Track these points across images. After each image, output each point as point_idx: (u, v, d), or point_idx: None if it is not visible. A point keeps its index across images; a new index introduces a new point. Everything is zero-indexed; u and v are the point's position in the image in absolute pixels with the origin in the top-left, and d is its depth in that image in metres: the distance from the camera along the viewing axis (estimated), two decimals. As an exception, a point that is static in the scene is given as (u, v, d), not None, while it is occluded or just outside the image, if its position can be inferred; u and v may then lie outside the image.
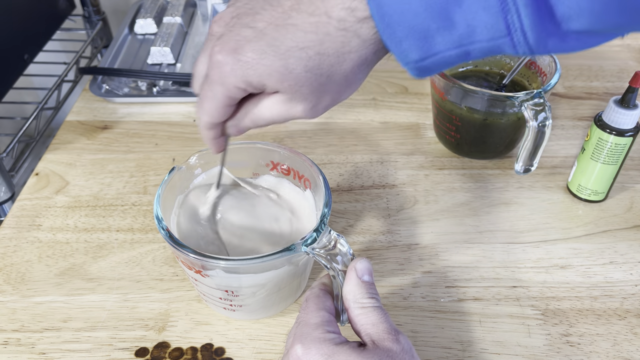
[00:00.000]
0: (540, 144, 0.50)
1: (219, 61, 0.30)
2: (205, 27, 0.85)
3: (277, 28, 0.29)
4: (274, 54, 0.29)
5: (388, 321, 0.33)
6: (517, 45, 0.26)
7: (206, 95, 0.33)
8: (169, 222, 0.44)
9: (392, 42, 0.28)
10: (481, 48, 0.27)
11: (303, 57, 0.29)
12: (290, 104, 0.32)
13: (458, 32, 0.27)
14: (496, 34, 0.26)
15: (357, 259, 0.35)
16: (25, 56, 0.70)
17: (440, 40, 0.27)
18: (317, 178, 0.42)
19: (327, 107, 0.33)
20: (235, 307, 0.42)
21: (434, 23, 0.27)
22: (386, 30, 0.27)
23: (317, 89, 0.30)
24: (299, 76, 0.30)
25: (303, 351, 0.31)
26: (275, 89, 0.31)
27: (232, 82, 0.31)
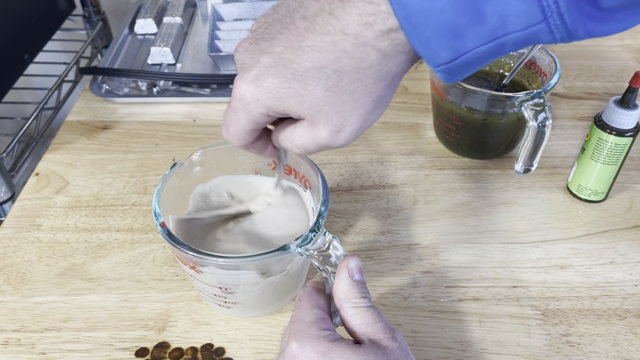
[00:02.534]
0: (540, 144, 0.50)
1: (240, 90, 0.30)
2: (206, 27, 0.85)
3: (294, 51, 0.29)
4: (292, 77, 0.29)
5: (383, 320, 0.33)
6: (555, 30, 0.25)
7: (230, 121, 0.33)
8: (170, 218, 0.44)
9: (420, 44, 0.27)
10: (516, 39, 0.26)
11: (321, 76, 0.28)
12: (314, 128, 0.31)
13: (489, 24, 0.25)
14: (531, 20, 0.25)
15: (348, 257, 0.34)
16: (25, 56, 0.70)
17: (471, 37, 0.26)
18: (317, 179, 0.42)
19: (356, 132, 0.31)
20: (230, 305, 0.42)
21: (462, 18, 0.25)
22: (413, 31, 0.26)
23: (340, 109, 0.29)
24: (318, 96, 0.29)
25: (299, 349, 0.31)
26: (297, 113, 0.30)
27: (254, 108, 0.31)
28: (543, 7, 0.24)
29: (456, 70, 0.28)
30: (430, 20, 0.26)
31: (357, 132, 0.31)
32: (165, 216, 0.40)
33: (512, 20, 0.25)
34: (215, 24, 0.79)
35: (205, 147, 0.45)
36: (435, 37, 0.26)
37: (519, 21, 0.25)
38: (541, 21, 0.25)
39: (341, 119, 0.30)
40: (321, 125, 0.30)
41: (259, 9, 0.83)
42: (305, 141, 0.32)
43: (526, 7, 0.24)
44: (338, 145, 0.31)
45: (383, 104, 0.31)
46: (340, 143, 0.31)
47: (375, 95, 0.29)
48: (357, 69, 0.28)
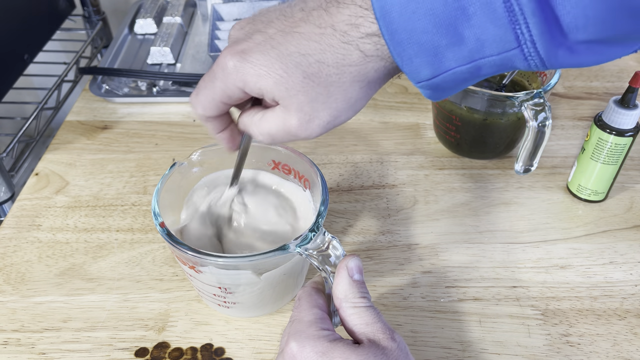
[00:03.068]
0: (540, 144, 0.50)
1: (225, 59, 0.31)
2: (205, 27, 0.85)
3: (284, 35, 0.30)
4: (276, 57, 0.30)
5: (382, 320, 0.33)
6: (529, 57, 0.26)
7: (205, 86, 0.33)
8: (173, 220, 0.44)
9: (402, 60, 0.28)
10: (492, 62, 0.27)
11: (303, 62, 0.29)
12: (286, 114, 0.31)
13: (468, 47, 0.27)
14: (506, 46, 0.26)
15: (348, 257, 0.34)
16: (25, 56, 0.70)
17: (451, 56, 0.27)
18: (316, 178, 0.42)
19: (324, 126, 0.32)
20: (229, 304, 0.42)
21: (443, 39, 0.27)
22: (397, 48, 0.28)
23: (313, 99, 0.30)
24: (296, 81, 0.30)
25: (298, 349, 0.31)
26: (272, 95, 0.31)
27: (232, 80, 0.31)
28: (517, 35, 0.25)
29: (436, 87, 0.29)
30: (412, 38, 0.27)
31: (325, 127, 0.32)
32: (164, 216, 0.40)
33: (489, 44, 0.26)
34: (215, 24, 0.79)
35: (205, 147, 0.45)
36: (417, 55, 0.28)
37: (494, 46, 0.26)
38: (515, 47, 0.26)
39: (312, 109, 0.31)
40: (292, 111, 0.31)
41: (259, 8, 0.83)
42: (273, 127, 0.33)
43: (502, 32, 0.26)
44: (304, 135, 0.32)
45: (354, 107, 0.32)
46: (307, 134, 0.32)
47: (348, 95, 0.30)
48: (338, 65, 0.29)
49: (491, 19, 0.25)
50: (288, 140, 0.33)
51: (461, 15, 0.26)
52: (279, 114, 0.32)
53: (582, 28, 0.25)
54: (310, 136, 0.32)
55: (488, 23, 0.26)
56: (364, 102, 0.32)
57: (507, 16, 0.25)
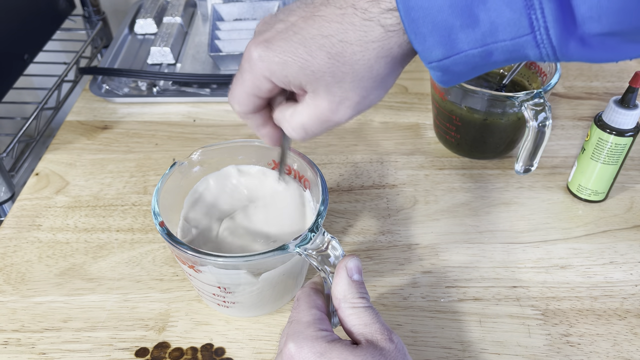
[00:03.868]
0: (540, 144, 0.50)
1: (250, 50, 0.32)
2: (205, 27, 0.85)
3: (306, 20, 0.30)
4: (299, 42, 0.30)
5: (380, 321, 0.33)
6: (540, 44, 0.26)
7: (236, 82, 0.34)
8: (173, 220, 0.44)
9: (416, 38, 0.28)
10: (504, 47, 0.27)
11: (326, 44, 0.30)
12: (315, 100, 0.32)
13: (481, 29, 0.27)
14: (519, 31, 0.26)
15: (347, 257, 0.34)
16: (25, 56, 0.70)
17: (464, 38, 0.27)
18: (316, 178, 0.42)
19: (354, 107, 0.32)
20: (228, 304, 0.42)
21: (457, 20, 0.27)
22: (411, 25, 0.28)
23: (340, 79, 0.30)
24: (321, 63, 0.30)
25: (296, 350, 0.31)
26: (299, 81, 0.31)
27: (259, 69, 0.32)
28: (531, 20, 0.26)
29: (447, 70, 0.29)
30: (428, 17, 0.27)
31: (356, 108, 0.32)
32: (165, 216, 0.40)
33: (502, 28, 0.26)
34: (215, 24, 0.79)
35: (205, 146, 0.45)
36: (431, 33, 0.28)
37: (508, 30, 0.26)
38: (528, 33, 0.26)
39: (341, 90, 0.31)
40: (322, 95, 0.31)
41: (259, 9, 0.83)
42: (305, 117, 0.33)
43: (516, 17, 0.26)
44: (336, 119, 0.32)
45: (382, 84, 0.31)
46: (339, 117, 0.32)
47: (375, 72, 0.30)
48: (361, 42, 0.29)
49: (507, 2, 0.25)
50: (321, 129, 0.33)
51: None
52: (308, 102, 0.32)
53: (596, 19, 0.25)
54: (342, 119, 0.32)
55: (504, 6, 0.26)
56: (392, 80, 0.32)
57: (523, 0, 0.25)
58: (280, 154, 0.41)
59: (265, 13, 0.83)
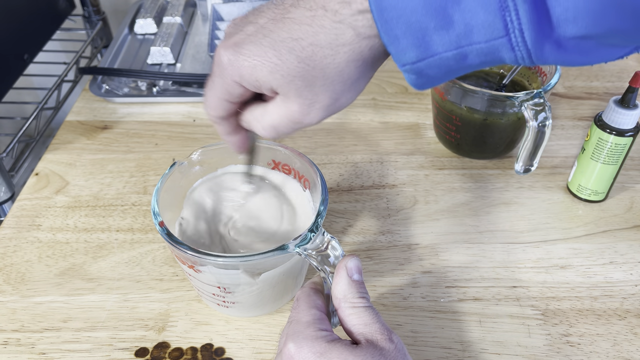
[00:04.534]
0: (540, 144, 0.50)
1: (219, 54, 0.31)
2: (205, 27, 0.85)
3: (275, 22, 0.30)
4: (268, 45, 0.30)
5: (380, 321, 0.33)
6: (515, 47, 0.26)
7: (209, 86, 0.34)
8: (173, 220, 0.44)
9: (389, 40, 0.28)
10: (479, 50, 0.27)
11: (296, 47, 0.29)
12: (286, 102, 0.31)
13: (456, 31, 0.26)
14: (494, 33, 0.26)
15: (347, 257, 0.34)
16: (25, 56, 0.70)
17: (438, 40, 0.27)
18: (316, 178, 0.42)
19: (325, 109, 0.32)
20: (228, 304, 0.42)
21: (432, 21, 0.26)
22: (384, 26, 0.27)
23: (311, 83, 0.30)
24: (290, 67, 0.29)
25: (296, 350, 0.31)
26: (269, 84, 0.31)
27: (229, 74, 0.31)
28: (506, 22, 0.25)
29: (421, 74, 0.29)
30: (401, 17, 0.26)
31: (327, 110, 0.32)
32: (165, 216, 0.40)
33: (477, 30, 0.26)
34: (215, 23, 0.79)
35: (205, 146, 0.45)
36: (404, 35, 0.27)
37: (482, 32, 0.26)
38: (503, 36, 0.26)
39: (312, 93, 0.30)
40: (292, 98, 0.31)
41: (259, 9, 0.83)
42: (276, 118, 0.32)
43: (491, 19, 0.25)
44: (307, 121, 0.32)
45: (353, 87, 0.31)
46: (309, 119, 0.32)
47: (345, 75, 0.30)
48: (332, 45, 0.29)
49: (482, 4, 0.25)
50: (292, 130, 0.33)
51: None
52: (279, 103, 0.32)
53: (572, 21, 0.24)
54: (312, 121, 0.32)
55: (478, 7, 0.25)
56: (363, 83, 0.32)
57: (497, 1, 0.25)
58: (248, 158, 0.42)
59: (265, 13, 0.83)
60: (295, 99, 0.31)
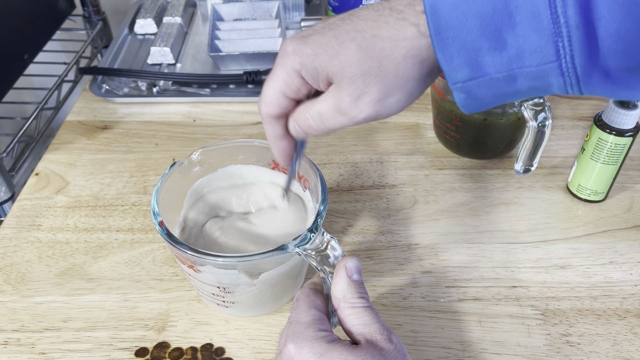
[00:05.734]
0: (540, 144, 0.50)
1: (285, 44, 0.33)
2: (205, 27, 0.85)
3: (343, 19, 0.32)
4: (332, 35, 0.31)
5: (380, 321, 0.33)
6: (565, 72, 0.27)
7: (267, 80, 0.35)
8: (173, 220, 0.44)
9: (444, 57, 0.29)
10: (529, 73, 0.28)
11: (358, 37, 0.31)
12: (337, 90, 0.32)
13: (508, 54, 0.28)
14: (545, 58, 0.27)
15: (347, 257, 0.34)
16: (25, 56, 0.70)
17: (490, 61, 0.28)
18: (316, 179, 0.42)
19: (374, 104, 0.32)
20: (228, 304, 0.42)
21: (486, 42, 0.28)
22: (440, 44, 0.29)
23: (365, 72, 0.31)
24: (349, 54, 0.31)
25: (296, 350, 0.31)
26: (327, 70, 0.31)
27: (291, 63, 0.32)
28: (558, 47, 0.26)
29: (471, 93, 0.30)
30: (457, 37, 0.28)
31: (375, 106, 0.32)
32: (165, 216, 0.40)
33: (529, 54, 0.27)
34: (215, 24, 0.79)
35: (205, 146, 0.45)
36: (458, 53, 0.28)
37: (534, 56, 0.27)
38: (554, 61, 0.27)
39: (364, 83, 0.31)
40: (344, 86, 0.31)
41: (259, 8, 0.83)
42: (324, 106, 0.33)
43: (543, 43, 0.26)
44: (354, 113, 0.32)
45: (405, 87, 0.32)
46: (356, 111, 0.32)
47: (400, 70, 0.31)
48: (392, 39, 0.30)
49: (535, 29, 0.26)
50: (336, 122, 0.33)
51: (507, 21, 0.27)
52: (330, 92, 0.33)
53: (621, 52, 0.25)
54: (358, 115, 0.32)
55: (531, 32, 0.26)
56: (416, 86, 0.32)
57: (551, 27, 0.26)
58: (289, 173, 0.41)
59: (265, 13, 0.83)
60: (347, 86, 0.31)
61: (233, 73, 0.73)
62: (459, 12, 0.28)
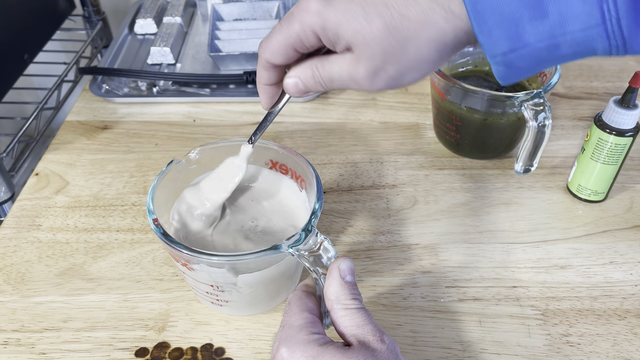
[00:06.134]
0: (540, 144, 0.50)
1: (308, 3, 0.31)
2: (205, 27, 0.85)
3: None
4: (359, 6, 0.30)
5: (372, 322, 0.33)
6: (611, 35, 0.26)
7: (279, 29, 0.33)
8: (168, 214, 0.44)
9: (482, 31, 0.28)
10: (572, 40, 0.27)
11: (386, 14, 0.29)
12: (355, 62, 0.31)
13: (550, 21, 0.27)
14: (590, 22, 0.26)
15: (340, 258, 0.34)
16: (25, 56, 0.70)
17: (531, 31, 0.27)
18: (312, 178, 0.42)
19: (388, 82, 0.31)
20: (222, 302, 0.42)
21: (526, 12, 0.27)
22: (477, 17, 0.28)
23: (387, 51, 0.30)
24: (375, 31, 0.30)
25: (288, 354, 0.31)
26: (348, 43, 0.31)
27: (310, 22, 0.31)
28: (603, 11, 0.26)
29: (511, 65, 0.29)
30: (495, 9, 0.27)
31: (389, 83, 0.32)
32: (161, 214, 0.40)
33: (572, 20, 0.26)
34: (215, 24, 0.79)
35: (203, 145, 0.45)
36: (497, 26, 0.28)
37: (578, 21, 0.26)
38: (599, 24, 0.26)
39: (383, 61, 0.30)
40: (363, 60, 0.31)
41: (259, 8, 0.83)
42: (336, 70, 0.32)
43: (588, 8, 0.26)
44: (367, 85, 0.32)
45: (423, 67, 0.31)
46: (370, 85, 0.32)
47: (421, 53, 0.30)
48: (420, 21, 0.29)
49: None
50: (346, 86, 0.33)
51: None
52: (347, 60, 0.32)
53: None
54: (371, 86, 0.32)
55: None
56: (432, 66, 0.32)
57: None
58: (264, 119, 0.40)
59: (265, 13, 0.83)
60: (366, 61, 0.31)
61: (233, 73, 0.73)
62: None
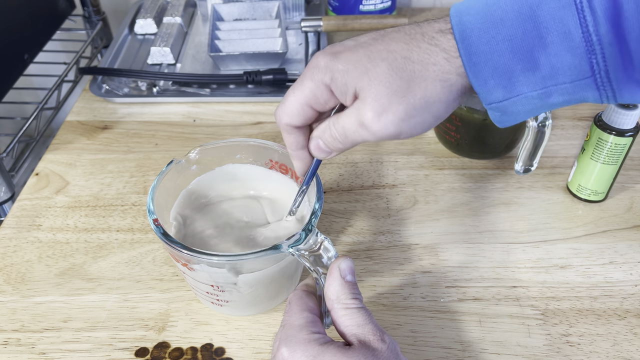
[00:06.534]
0: (540, 144, 0.50)
1: (317, 59, 0.33)
2: (205, 27, 0.85)
3: (376, 40, 0.32)
4: (364, 54, 0.32)
5: (373, 322, 0.33)
6: (601, 86, 0.28)
7: (292, 92, 0.34)
8: (168, 214, 0.44)
9: (477, 81, 0.30)
10: (563, 89, 0.29)
11: (389, 57, 0.31)
12: (362, 105, 0.32)
13: (542, 73, 0.28)
14: (580, 74, 0.28)
15: (340, 258, 0.34)
16: (25, 56, 0.70)
17: (524, 81, 0.29)
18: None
19: (397, 123, 0.31)
20: (222, 302, 0.42)
21: (518, 64, 0.28)
22: (472, 69, 0.29)
23: (393, 91, 0.31)
24: (379, 72, 0.31)
25: (289, 354, 0.32)
26: (355, 90, 0.32)
27: (320, 76, 0.32)
28: (592, 64, 0.27)
29: (506, 111, 0.31)
30: (489, 61, 0.29)
31: (398, 125, 0.32)
32: (161, 214, 0.40)
33: (563, 72, 0.28)
34: (215, 24, 0.79)
35: (203, 145, 0.45)
36: (492, 76, 0.29)
37: (568, 73, 0.28)
38: (589, 76, 0.28)
39: (389, 102, 0.31)
40: (369, 101, 0.31)
41: (259, 8, 0.83)
42: (347, 121, 0.33)
43: (577, 61, 0.27)
44: (375, 128, 0.32)
45: (431, 109, 0.32)
46: (378, 127, 0.32)
47: (428, 92, 0.31)
48: (423, 62, 0.31)
49: (568, 48, 0.27)
50: (359, 136, 0.33)
51: (538, 42, 0.28)
52: (355, 106, 0.33)
53: None
54: (381, 130, 0.32)
55: (564, 51, 0.27)
56: (442, 107, 0.32)
57: (584, 45, 0.27)
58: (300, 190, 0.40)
59: (265, 13, 0.83)
60: (372, 101, 0.31)
61: (233, 73, 0.73)
62: (489, 36, 0.28)
